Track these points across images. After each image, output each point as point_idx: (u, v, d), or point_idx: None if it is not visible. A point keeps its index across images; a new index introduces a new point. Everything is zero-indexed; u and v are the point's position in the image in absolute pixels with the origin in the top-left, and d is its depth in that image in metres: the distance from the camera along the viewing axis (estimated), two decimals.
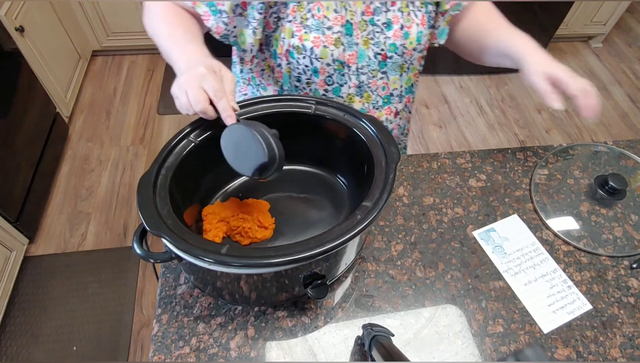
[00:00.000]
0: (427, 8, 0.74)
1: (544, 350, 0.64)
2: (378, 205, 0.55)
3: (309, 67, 0.74)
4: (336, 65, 0.75)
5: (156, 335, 0.63)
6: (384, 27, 0.73)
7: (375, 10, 0.71)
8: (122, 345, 1.46)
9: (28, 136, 1.68)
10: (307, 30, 0.70)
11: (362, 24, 0.72)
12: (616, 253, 0.75)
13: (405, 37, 0.74)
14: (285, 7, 0.70)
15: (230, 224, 0.68)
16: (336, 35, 0.71)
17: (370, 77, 0.79)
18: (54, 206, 1.81)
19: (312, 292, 0.58)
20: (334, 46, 0.72)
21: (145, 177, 0.58)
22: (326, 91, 0.79)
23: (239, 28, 0.73)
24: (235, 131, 0.58)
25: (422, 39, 0.76)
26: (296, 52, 0.72)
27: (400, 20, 0.73)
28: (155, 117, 2.20)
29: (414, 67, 0.82)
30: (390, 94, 0.84)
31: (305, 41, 0.71)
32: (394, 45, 0.75)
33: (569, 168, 0.88)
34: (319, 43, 0.71)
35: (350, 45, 0.73)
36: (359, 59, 0.75)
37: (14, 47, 1.66)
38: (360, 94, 0.81)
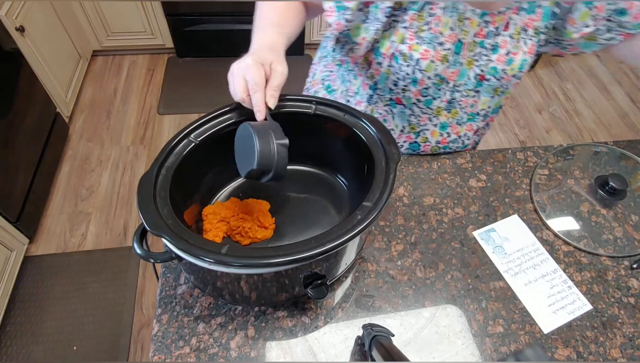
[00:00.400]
0: (539, 37, 0.71)
1: (544, 350, 0.64)
2: (378, 205, 0.55)
3: (409, 76, 0.74)
4: (436, 80, 0.74)
5: (156, 335, 0.63)
6: (491, 50, 0.72)
7: (488, 33, 0.70)
8: (122, 345, 1.46)
9: (28, 136, 1.68)
10: (419, 42, 0.70)
11: (472, 45, 0.71)
12: (616, 253, 0.75)
13: (508, 63, 0.73)
14: (404, 13, 0.69)
15: (230, 224, 0.68)
16: (445, 52, 0.71)
17: (463, 95, 0.79)
18: (54, 206, 1.81)
19: (312, 292, 0.58)
20: (440, 62, 0.71)
21: (145, 177, 0.58)
22: (419, 101, 0.79)
23: (356, 22, 0.72)
24: (246, 130, 0.59)
25: (524, 67, 0.74)
26: (401, 58, 0.72)
27: (508, 46, 0.71)
28: (155, 117, 2.20)
29: (508, 91, 0.81)
30: (477, 113, 0.84)
31: (414, 51, 0.70)
32: (494, 69, 0.73)
33: (570, 168, 0.88)
34: (427, 56, 0.70)
35: (455, 64, 0.73)
36: (459, 77, 0.75)
37: (15, 47, 1.66)
38: (449, 109, 0.81)
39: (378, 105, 0.84)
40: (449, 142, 0.89)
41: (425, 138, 0.87)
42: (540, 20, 0.69)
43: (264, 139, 0.56)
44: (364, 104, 0.85)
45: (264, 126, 0.58)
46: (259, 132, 0.56)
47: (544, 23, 0.69)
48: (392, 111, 0.83)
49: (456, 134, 0.87)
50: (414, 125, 0.85)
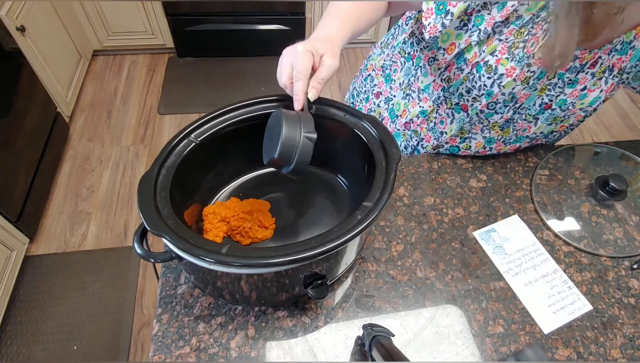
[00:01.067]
0: (621, 77, 0.69)
1: (544, 350, 0.64)
2: (378, 205, 0.55)
3: (486, 88, 0.72)
4: (508, 98, 0.73)
5: (156, 334, 0.63)
6: (568, 84, 0.70)
7: (571, 68, 0.68)
8: (123, 344, 1.46)
9: (29, 136, 1.68)
10: (509, 57, 0.67)
11: (552, 74, 0.69)
12: (617, 253, 0.75)
13: (580, 98, 0.71)
14: (506, 26, 0.66)
15: (230, 224, 0.68)
16: (529, 74, 0.68)
17: (522, 118, 0.77)
18: (55, 206, 1.81)
19: (313, 292, 0.58)
20: (521, 83, 0.69)
21: (145, 177, 0.58)
22: (482, 111, 0.77)
23: (450, 29, 0.71)
24: (278, 117, 0.58)
25: (596, 103, 0.72)
26: (485, 69, 0.69)
27: (587, 83, 0.69)
28: (156, 116, 2.20)
29: (568, 121, 0.79)
30: (526, 136, 0.82)
31: (500, 65, 0.68)
32: (563, 101, 0.72)
33: (570, 168, 0.88)
34: (512, 74, 0.68)
35: (532, 88, 0.71)
36: (527, 101, 0.73)
37: (15, 46, 1.66)
38: (503, 127, 0.80)
39: (442, 106, 0.82)
40: (487, 154, 0.88)
41: (468, 146, 0.86)
42: (628, 62, 0.67)
43: (292, 128, 0.55)
44: (429, 103, 0.83)
45: (296, 116, 0.57)
46: (288, 121, 0.55)
47: (631, 63, 0.67)
48: (453, 115, 0.81)
49: (498, 150, 0.87)
50: (465, 131, 0.83)
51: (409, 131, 0.89)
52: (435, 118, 0.84)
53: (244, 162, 0.75)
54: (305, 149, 0.56)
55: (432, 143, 0.88)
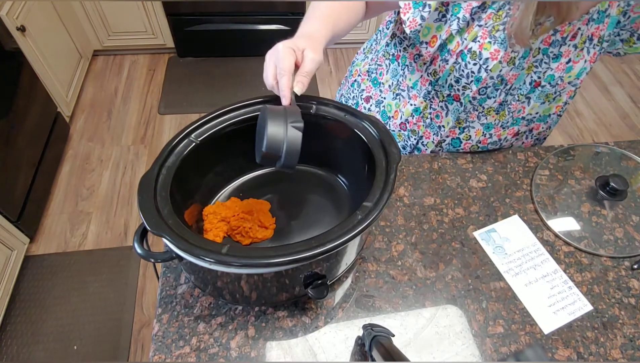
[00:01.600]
0: (602, 45, 0.71)
1: (544, 350, 0.64)
2: (379, 205, 0.55)
3: (474, 74, 0.73)
4: (497, 80, 0.74)
5: (156, 334, 0.63)
6: (553, 58, 0.72)
7: (553, 42, 0.70)
8: (123, 344, 1.46)
9: (29, 135, 1.68)
10: (491, 41, 0.69)
11: (536, 51, 0.71)
12: (617, 254, 0.75)
13: (567, 70, 0.73)
14: (483, 11, 0.68)
15: (230, 224, 0.68)
16: (514, 55, 0.70)
17: (515, 99, 0.78)
18: (55, 205, 1.82)
19: (313, 292, 0.58)
20: (507, 64, 0.71)
21: (146, 177, 0.58)
22: (474, 98, 0.78)
23: (429, 22, 0.72)
24: (263, 113, 0.58)
25: (582, 75, 0.74)
26: (470, 56, 0.71)
27: (571, 55, 0.71)
28: (156, 116, 2.20)
29: (560, 98, 0.81)
30: (523, 117, 0.83)
31: (484, 50, 0.70)
32: (551, 77, 0.74)
33: (570, 169, 0.88)
34: (497, 57, 0.70)
35: (519, 67, 0.72)
36: (516, 81, 0.75)
37: (15, 46, 1.66)
38: (498, 110, 0.81)
39: (434, 100, 0.83)
40: (488, 143, 0.89)
41: (468, 135, 0.87)
42: (605, 30, 0.69)
43: (277, 120, 0.55)
44: (420, 99, 0.84)
45: (282, 109, 0.57)
46: (273, 114, 0.55)
47: (608, 32, 0.69)
48: (447, 107, 0.83)
49: (498, 136, 0.87)
50: (462, 121, 0.84)
51: (405, 131, 0.90)
52: (430, 113, 0.85)
53: (244, 162, 0.75)
54: (293, 139, 0.55)
55: (433, 139, 0.88)
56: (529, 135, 0.91)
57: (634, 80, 2.59)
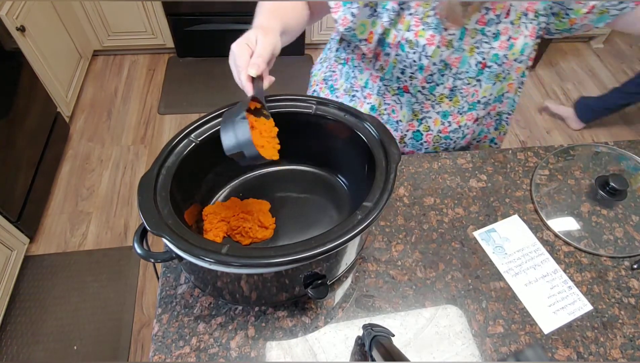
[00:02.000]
0: (538, 19, 0.73)
1: (544, 350, 0.64)
2: (378, 205, 0.55)
3: (416, 63, 0.75)
4: (440, 66, 0.75)
5: (156, 334, 0.63)
6: (492, 37, 0.73)
7: (489, 21, 0.71)
8: (123, 344, 1.46)
9: (29, 136, 1.68)
10: (425, 27, 0.71)
11: (473, 32, 0.72)
12: (617, 254, 0.75)
13: (509, 48, 0.74)
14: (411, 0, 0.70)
15: (230, 224, 0.68)
16: (450, 37, 0.71)
17: (465, 83, 0.79)
18: (55, 206, 1.81)
19: (313, 292, 0.58)
20: (445, 47, 0.72)
21: (146, 177, 0.58)
22: (423, 88, 0.80)
23: (362, 19, 0.73)
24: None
25: (526, 50, 0.75)
26: (408, 45, 0.73)
27: (509, 32, 0.72)
28: (156, 116, 2.20)
29: (510, 76, 0.82)
30: (478, 101, 0.84)
31: (420, 37, 0.71)
32: (496, 56, 0.75)
33: (570, 168, 0.88)
34: (434, 42, 0.71)
35: (458, 50, 0.74)
36: (460, 64, 0.76)
37: (15, 46, 1.66)
38: (450, 97, 0.82)
39: (386, 95, 0.84)
40: (449, 132, 0.89)
41: (427, 126, 0.88)
42: (539, 4, 0.70)
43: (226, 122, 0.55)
44: (374, 97, 0.85)
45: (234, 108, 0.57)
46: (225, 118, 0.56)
47: (542, 5, 0.70)
48: (400, 101, 0.84)
49: (457, 123, 0.88)
50: (417, 112, 0.85)
51: None
52: (385, 109, 0.86)
53: None
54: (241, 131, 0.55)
55: (394, 135, 0.89)
56: (488, 117, 0.91)
57: None
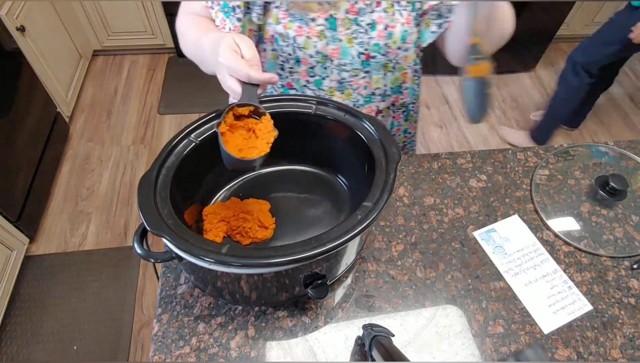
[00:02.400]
0: (413, 6, 0.73)
1: (544, 350, 0.64)
2: (378, 205, 0.55)
3: (292, 56, 0.74)
4: (319, 58, 0.74)
5: (156, 334, 0.63)
6: (368, 27, 0.72)
7: (360, 10, 0.71)
8: (122, 344, 1.46)
9: (29, 136, 1.68)
10: (291, 19, 0.70)
11: (347, 22, 0.72)
12: (617, 253, 0.75)
13: (389, 37, 0.73)
14: None
15: (230, 224, 0.68)
16: (320, 28, 0.71)
17: (352, 75, 0.78)
18: (55, 206, 1.81)
19: (313, 292, 0.58)
20: (317, 38, 0.71)
21: (145, 177, 0.58)
22: (308, 82, 0.79)
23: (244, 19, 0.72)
24: None
25: (407, 38, 0.75)
26: (281, 39, 0.72)
27: (385, 21, 0.72)
28: (156, 116, 2.20)
29: (401, 66, 0.80)
30: (372, 93, 0.83)
31: (289, 29, 0.71)
32: (377, 45, 0.74)
33: (570, 168, 0.88)
34: (302, 33, 0.71)
35: (334, 40, 0.73)
36: (341, 55, 0.75)
37: (15, 46, 1.66)
38: (341, 89, 0.81)
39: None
40: None
41: None
42: None
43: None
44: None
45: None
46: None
47: None
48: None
49: None
50: None
51: None
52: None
53: None
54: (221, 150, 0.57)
55: None
56: (394, 109, 0.90)
57: (634, 80, 2.59)
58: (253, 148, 0.59)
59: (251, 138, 0.60)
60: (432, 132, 2.23)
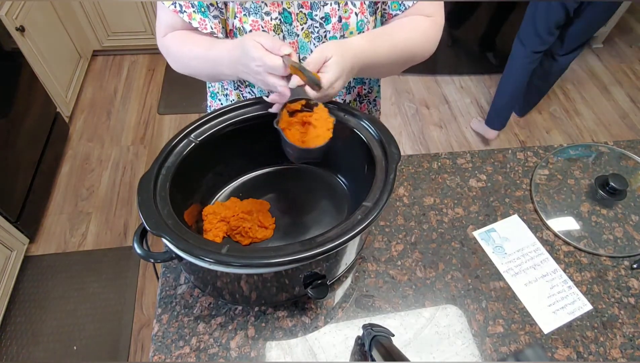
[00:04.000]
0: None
1: (544, 350, 0.64)
2: (378, 205, 0.55)
3: None
4: None
5: (156, 334, 0.63)
6: (323, 21, 0.71)
7: (313, 5, 0.70)
8: (122, 345, 1.46)
9: (29, 136, 1.68)
10: (245, 13, 0.69)
11: (301, 17, 0.71)
12: (616, 253, 0.75)
13: (344, 28, 0.72)
14: None
15: (230, 224, 0.68)
16: (275, 22, 0.70)
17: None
18: (55, 206, 1.81)
19: (313, 292, 0.58)
20: (273, 32, 0.71)
21: (145, 177, 0.58)
22: None
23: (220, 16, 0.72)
24: None
25: (364, 27, 0.74)
26: (239, 33, 0.71)
27: (338, 13, 0.71)
28: (155, 116, 2.20)
29: None
30: None
31: (244, 24, 0.70)
32: (334, 38, 0.73)
33: (570, 168, 0.88)
34: (258, 27, 0.70)
35: (291, 34, 0.72)
36: (300, 50, 0.74)
37: (15, 47, 1.66)
38: None
39: (241, 88, 0.82)
40: None
41: None
42: None
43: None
44: (233, 92, 0.84)
45: None
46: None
47: None
48: (253, 92, 0.82)
49: None
50: None
51: None
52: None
53: (244, 162, 0.75)
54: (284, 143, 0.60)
55: None
56: (359, 101, 0.89)
57: (634, 80, 2.59)
58: (315, 137, 0.60)
59: (309, 130, 0.61)
60: (432, 132, 2.23)
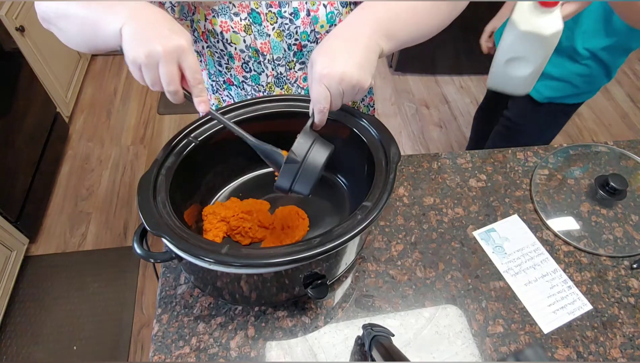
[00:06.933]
0: None
1: (544, 350, 0.64)
2: (378, 205, 0.55)
3: (225, 52, 0.73)
4: (251, 52, 0.73)
5: (156, 334, 0.63)
6: (292, 17, 0.70)
7: (281, 2, 0.69)
8: (122, 344, 1.46)
9: (28, 136, 1.68)
10: (214, 15, 0.69)
11: (271, 16, 0.70)
12: (616, 253, 0.75)
13: (314, 22, 0.71)
14: None
15: (230, 224, 0.68)
16: (245, 22, 0.69)
17: (287, 69, 0.77)
18: (55, 206, 1.81)
19: (313, 292, 0.58)
20: (244, 32, 0.70)
21: (145, 177, 0.58)
22: (245, 78, 0.78)
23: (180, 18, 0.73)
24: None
25: (335, 19, 0.72)
26: (211, 35, 0.71)
27: (306, 6, 0.70)
28: (155, 116, 2.20)
29: None
30: None
31: (214, 25, 0.69)
32: (305, 33, 0.72)
33: (570, 168, 0.88)
34: (228, 28, 0.70)
35: (262, 34, 0.71)
36: (273, 50, 0.73)
37: (15, 47, 1.66)
38: (279, 85, 0.79)
39: (219, 92, 0.83)
40: None
41: None
42: None
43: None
44: (212, 95, 0.84)
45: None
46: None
47: None
48: (230, 94, 0.83)
49: None
50: None
51: None
52: (223, 106, 0.83)
53: (244, 162, 0.75)
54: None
55: None
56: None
57: (634, 80, 2.59)
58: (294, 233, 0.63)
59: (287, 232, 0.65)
60: (432, 132, 2.23)
